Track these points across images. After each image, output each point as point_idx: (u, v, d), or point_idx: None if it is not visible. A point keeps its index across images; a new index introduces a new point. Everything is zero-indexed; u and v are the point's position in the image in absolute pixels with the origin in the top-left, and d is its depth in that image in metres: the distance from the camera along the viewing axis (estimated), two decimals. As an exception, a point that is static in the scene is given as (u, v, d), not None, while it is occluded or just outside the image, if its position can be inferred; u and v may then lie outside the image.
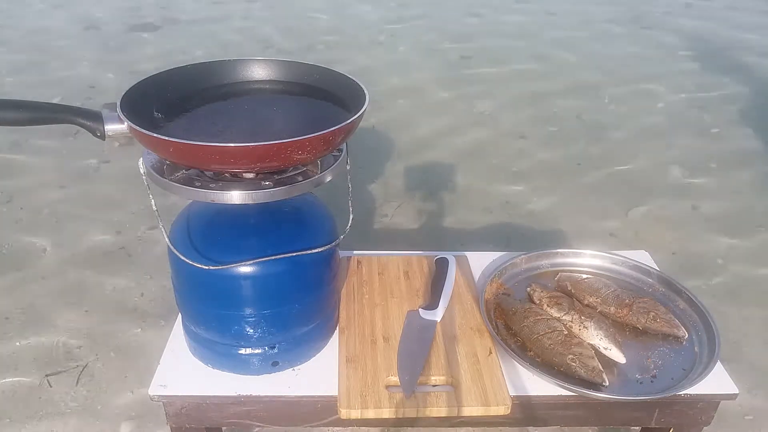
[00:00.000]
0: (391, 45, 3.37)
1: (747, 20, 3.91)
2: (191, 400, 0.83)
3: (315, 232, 0.82)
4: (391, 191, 2.03)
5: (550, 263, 1.06)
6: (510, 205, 1.98)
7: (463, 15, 3.90)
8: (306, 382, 0.84)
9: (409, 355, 0.86)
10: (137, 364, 1.36)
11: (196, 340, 0.86)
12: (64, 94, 2.64)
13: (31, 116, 0.70)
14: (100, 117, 0.71)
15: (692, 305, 0.96)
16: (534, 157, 2.26)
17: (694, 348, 0.90)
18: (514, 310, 0.93)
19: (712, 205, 1.98)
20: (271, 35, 3.45)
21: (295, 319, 0.84)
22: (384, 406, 0.79)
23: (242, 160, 0.68)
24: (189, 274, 0.79)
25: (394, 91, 2.76)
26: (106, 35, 3.40)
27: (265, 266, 0.77)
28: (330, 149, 0.75)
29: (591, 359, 0.84)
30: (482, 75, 2.99)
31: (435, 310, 0.94)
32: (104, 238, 1.77)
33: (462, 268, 1.05)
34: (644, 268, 1.04)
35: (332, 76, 0.84)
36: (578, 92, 2.80)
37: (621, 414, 0.88)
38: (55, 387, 1.31)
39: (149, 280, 1.60)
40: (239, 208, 0.79)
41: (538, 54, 3.27)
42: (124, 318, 1.48)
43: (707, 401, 0.85)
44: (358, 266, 1.05)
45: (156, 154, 0.73)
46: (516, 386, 0.83)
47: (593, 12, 4.00)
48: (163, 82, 0.81)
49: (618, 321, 0.94)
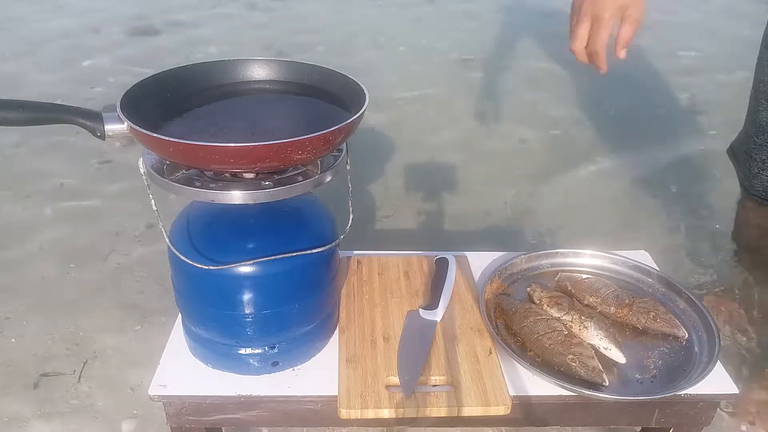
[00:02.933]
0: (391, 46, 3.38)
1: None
2: (191, 400, 0.83)
3: (315, 232, 0.83)
4: (391, 191, 2.03)
5: (550, 263, 1.06)
6: (510, 205, 1.98)
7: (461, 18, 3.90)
8: (306, 382, 0.84)
9: (409, 355, 0.86)
10: (137, 363, 1.36)
11: (196, 340, 0.86)
12: (65, 95, 2.64)
13: (31, 116, 0.70)
14: (100, 117, 0.71)
15: (692, 305, 0.96)
16: (536, 158, 2.26)
17: (694, 348, 0.90)
18: (514, 310, 0.93)
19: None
20: (272, 37, 3.45)
21: (295, 319, 0.84)
22: (384, 406, 0.79)
23: (242, 160, 0.68)
24: (189, 274, 0.79)
25: (393, 91, 2.76)
26: (107, 37, 3.41)
27: (265, 266, 0.77)
28: (330, 149, 0.75)
29: (591, 359, 0.84)
30: (483, 76, 2.99)
31: (435, 310, 0.94)
32: (104, 236, 1.77)
33: (462, 268, 1.05)
34: (644, 268, 1.04)
35: (332, 76, 0.85)
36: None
37: (621, 414, 0.88)
38: (54, 386, 1.31)
39: (149, 280, 1.60)
40: (239, 208, 0.79)
41: (538, 54, 3.27)
42: (124, 317, 1.48)
43: (707, 401, 0.85)
44: (358, 266, 1.05)
45: (156, 154, 0.73)
46: (516, 386, 0.83)
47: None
48: (163, 82, 0.81)
49: (618, 321, 0.94)
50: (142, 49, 3.22)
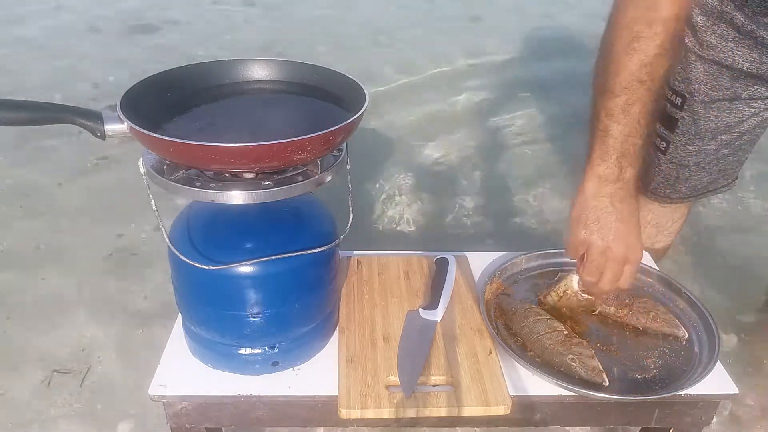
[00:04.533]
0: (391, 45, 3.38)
1: None
2: (191, 400, 0.83)
3: (315, 232, 0.83)
4: (391, 191, 2.03)
5: (550, 263, 1.06)
6: (510, 204, 1.98)
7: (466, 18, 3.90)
8: (306, 382, 0.84)
9: (409, 355, 0.86)
10: (137, 363, 1.36)
11: (196, 340, 0.86)
12: (65, 95, 2.64)
13: (31, 116, 0.70)
14: (100, 117, 0.71)
15: (692, 305, 0.96)
16: (536, 158, 2.26)
17: (694, 348, 0.90)
18: (514, 310, 0.93)
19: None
20: (272, 38, 3.45)
21: (295, 319, 0.84)
22: (384, 406, 0.79)
23: (242, 160, 0.68)
24: (189, 274, 0.79)
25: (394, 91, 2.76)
26: (108, 36, 3.41)
27: (265, 266, 0.77)
28: (330, 149, 0.75)
29: (591, 359, 0.84)
30: (485, 75, 2.99)
31: (435, 310, 0.94)
32: (105, 238, 1.77)
33: (462, 268, 1.05)
34: (644, 268, 1.04)
35: (332, 76, 0.84)
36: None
37: (621, 414, 0.88)
38: (57, 387, 1.31)
39: (150, 280, 1.60)
40: (239, 208, 0.79)
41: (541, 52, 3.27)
42: (125, 317, 1.48)
43: (707, 401, 0.85)
44: (358, 266, 1.05)
45: (156, 154, 0.73)
46: (516, 386, 0.83)
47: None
48: (163, 82, 0.81)
49: (618, 321, 0.94)
50: (142, 49, 3.22)
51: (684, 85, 1.11)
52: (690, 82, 1.10)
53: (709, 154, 1.15)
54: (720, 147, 1.14)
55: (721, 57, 1.04)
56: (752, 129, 1.13)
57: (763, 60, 1.01)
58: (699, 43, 1.06)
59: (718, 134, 1.12)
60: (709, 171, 1.19)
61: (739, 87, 1.06)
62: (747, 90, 1.06)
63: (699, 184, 1.21)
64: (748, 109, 1.09)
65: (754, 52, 1.01)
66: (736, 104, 1.08)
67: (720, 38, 1.03)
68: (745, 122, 1.11)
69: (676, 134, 1.15)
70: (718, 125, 1.11)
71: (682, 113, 1.13)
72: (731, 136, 1.13)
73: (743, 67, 1.03)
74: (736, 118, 1.10)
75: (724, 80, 1.06)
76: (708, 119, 1.11)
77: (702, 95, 1.09)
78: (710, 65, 1.06)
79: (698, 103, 1.10)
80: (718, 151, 1.15)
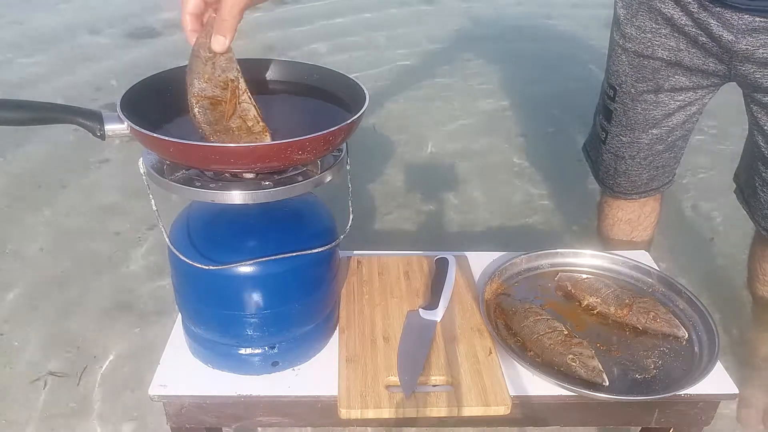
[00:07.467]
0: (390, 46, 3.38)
1: None
2: (191, 400, 0.83)
3: (315, 232, 0.83)
4: (391, 191, 2.03)
5: (550, 263, 1.06)
6: (510, 205, 1.98)
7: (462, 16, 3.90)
8: (306, 382, 0.84)
9: (409, 355, 0.86)
10: (137, 363, 1.36)
11: (196, 340, 0.86)
12: (65, 95, 2.64)
13: (31, 116, 0.70)
14: (100, 117, 0.71)
15: (692, 305, 0.96)
16: (536, 157, 2.26)
17: (694, 348, 0.90)
18: (514, 310, 0.93)
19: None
20: (272, 36, 3.45)
21: (295, 319, 0.84)
22: (384, 406, 0.79)
23: (242, 160, 0.68)
24: (189, 274, 0.79)
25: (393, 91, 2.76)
26: (108, 38, 3.41)
27: (265, 266, 0.77)
28: (330, 149, 0.75)
29: (591, 359, 0.84)
30: (484, 75, 2.99)
31: (435, 310, 0.94)
32: (105, 237, 1.77)
33: (462, 268, 1.05)
34: (644, 268, 1.04)
35: (332, 76, 0.84)
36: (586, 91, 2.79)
37: (621, 414, 0.88)
38: (55, 387, 1.31)
39: (149, 280, 1.60)
40: (239, 208, 0.79)
41: (541, 52, 3.26)
42: (124, 317, 1.48)
43: (707, 401, 0.85)
44: (358, 266, 1.05)
45: (156, 154, 0.73)
46: (516, 386, 0.83)
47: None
48: (163, 82, 0.81)
49: (618, 321, 0.94)
50: (142, 49, 3.22)
51: (614, 78, 1.17)
52: (618, 74, 1.16)
53: (643, 148, 1.20)
54: (653, 142, 1.19)
55: (641, 48, 1.09)
56: (682, 124, 1.17)
57: (680, 47, 1.05)
58: (622, 36, 1.11)
59: (648, 128, 1.17)
60: (646, 167, 1.23)
61: (660, 77, 1.10)
62: (668, 80, 1.10)
63: (638, 180, 1.26)
64: (672, 102, 1.13)
65: (671, 41, 1.05)
66: (661, 96, 1.12)
67: (639, 30, 1.08)
68: (672, 116, 1.15)
69: (612, 125, 1.22)
70: (646, 117, 1.16)
71: (615, 105, 1.19)
72: (661, 130, 1.17)
73: (663, 56, 1.07)
74: (663, 111, 1.14)
75: (647, 72, 1.10)
76: (636, 111, 1.16)
77: (629, 87, 1.14)
78: (633, 57, 1.11)
79: (626, 94, 1.15)
80: (651, 146, 1.19)
